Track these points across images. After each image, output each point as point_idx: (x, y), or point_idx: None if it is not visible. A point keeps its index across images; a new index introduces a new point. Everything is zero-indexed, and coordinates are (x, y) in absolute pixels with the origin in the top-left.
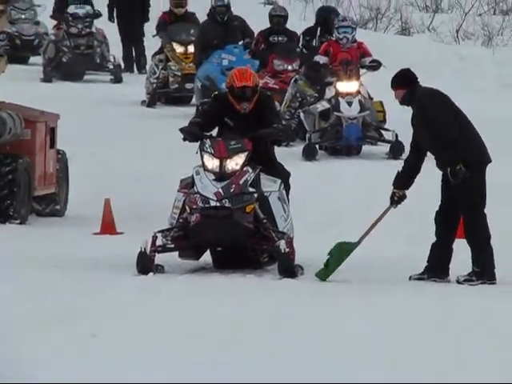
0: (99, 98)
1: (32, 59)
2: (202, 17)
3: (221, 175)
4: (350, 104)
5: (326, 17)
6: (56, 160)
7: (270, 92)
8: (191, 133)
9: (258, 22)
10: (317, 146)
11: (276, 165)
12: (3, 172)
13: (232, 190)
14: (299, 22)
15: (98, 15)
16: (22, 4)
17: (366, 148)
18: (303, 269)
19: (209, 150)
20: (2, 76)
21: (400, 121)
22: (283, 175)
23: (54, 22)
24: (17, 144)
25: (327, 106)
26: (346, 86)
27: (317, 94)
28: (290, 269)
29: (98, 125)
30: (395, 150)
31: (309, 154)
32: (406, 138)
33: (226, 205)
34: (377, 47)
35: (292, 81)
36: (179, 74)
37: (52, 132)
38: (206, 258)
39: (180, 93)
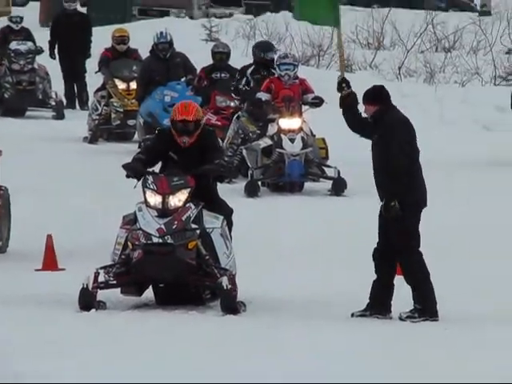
0: (41, 135)
1: None
2: (144, 53)
3: (163, 212)
4: (292, 141)
5: (263, 55)
6: None
7: (213, 128)
8: (134, 169)
9: (201, 58)
10: (259, 183)
11: (218, 201)
12: None
13: (174, 227)
14: (242, 58)
15: (39, 51)
16: None
17: (308, 185)
18: (245, 305)
19: (151, 186)
20: None
21: (342, 157)
22: (226, 212)
23: None
24: None
25: (270, 142)
26: (288, 122)
27: (259, 131)
28: (232, 305)
29: (40, 161)
30: (337, 186)
31: (251, 191)
32: (349, 174)
33: (169, 241)
34: (319, 84)
35: (234, 117)
36: (121, 110)
37: None
38: (149, 294)
39: (122, 129)
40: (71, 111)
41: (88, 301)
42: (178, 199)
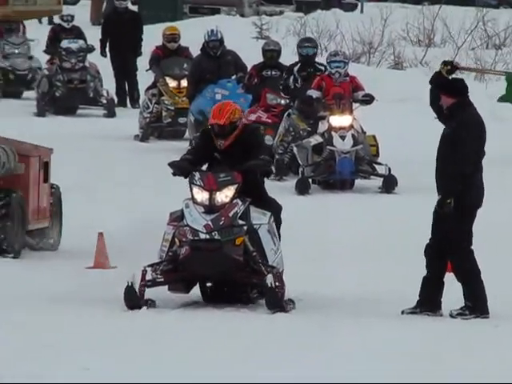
0: (92, 133)
1: (25, 94)
2: (195, 51)
3: (210, 208)
4: (343, 138)
5: (307, 53)
6: (50, 194)
7: (263, 126)
8: (180, 167)
9: (251, 56)
10: (310, 180)
11: (267, 198)
12: None
13: (221, 223)
14: (292, 56)
15: (91, 49)
16: (15, 39)
17: (358, 182)
18: (294, 303)
19: (198, 182)
20: None
21: (393, 155)
22: (274, 208)
23: (48, 57)
24: (10, 178)
25: (320, 140)
26: (339, 120)
27: (310, 128)
28: (277, 303)
29: (92, 159)
30: (388, 183)
31: (302, 189)
32: (399, 171)
33: (216, 237)
34: (370, 81)
35: (285, 115)
36: (172, 108)
37: (46, 166)
38: (197, 291)
39: (173, 127)
40: (122, 109)
41: (133, 299)
42: (224, 195)
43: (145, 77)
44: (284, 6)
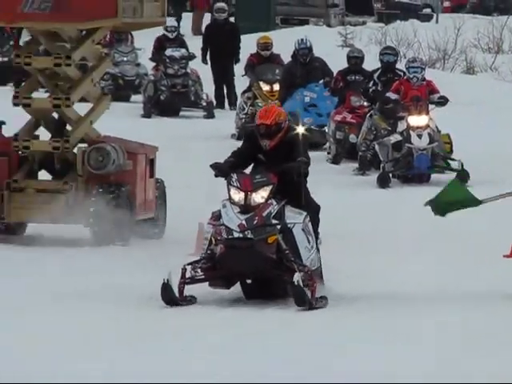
0: (193, 133)
1: (133, 97)
2: (286, 58)
3: (246, 208)
4: (420, 136)
5: (388, 60)
6: (155, 188)
7: (348, 126)
8: (221, 169)
9: (337, 62)
10: (390, 175)
11: (306, 198)
12: (108, 199)
13: (255, 222)
14: (374, 62)
15: (192, 57)
16: (124, 48)
17: (434, 176)
18: (327, 299)
19: (235, 183)
20: (106, 112)
21: (465, 151)
22: (312, 208)
23: (153, 64)
24: (120, 174)
25: (399, 138)
26: (416, 120)
27: (390, 128)
28: (303, 300)
29: (193, 156)
30: (461, 177)
31: (383, 182)
32: (471, 167)
33: (249, 236)
34: (444, 85)
35: (367, 115)
36: None
37: (151, 163)
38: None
39: None
40: (220, 111)
41: (170, 295)
42: (260, 196)
43: (241, 81)
44: (366, 17)
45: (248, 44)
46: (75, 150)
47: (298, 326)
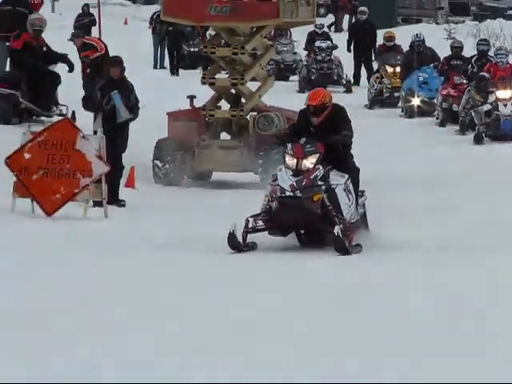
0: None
1: (291, 78)
2: (405, 48)
3: (297, 172)
4: (505, 106)
5: (482, 49)
6: None
7: (451, 98)
8: (281, 139)
9: (443, 50)
10: (483, 135)
11: (348, 164)
12: (272, 153)
13: (304, 183)
14: (471, 50)
15: (335, 47)
16: (284, 40)
17: None
18: (361, 246)
19: (289, 151)
20: (270, 89)
21: None
22: (352, 171)
23: (306, 52)
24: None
25: (490, 107)
26: (503, 93)
27: (483, 99)
28: (342, 248)
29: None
30: None
31: (478, 140)
32: None
33: (298, 195)
34: None
35: (466, 90)
36: (390, 86)
37: None
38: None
39: (390, 99)
40: (356, 87)
41: (235, 242)
42: (309, 162)
43: (372, 65)
44: (465, 17)
45: (378, 38)
46: (248, 117)
47: (337, 267)
